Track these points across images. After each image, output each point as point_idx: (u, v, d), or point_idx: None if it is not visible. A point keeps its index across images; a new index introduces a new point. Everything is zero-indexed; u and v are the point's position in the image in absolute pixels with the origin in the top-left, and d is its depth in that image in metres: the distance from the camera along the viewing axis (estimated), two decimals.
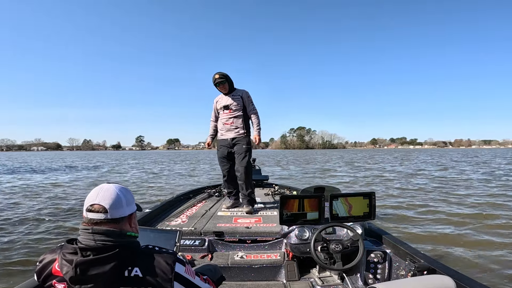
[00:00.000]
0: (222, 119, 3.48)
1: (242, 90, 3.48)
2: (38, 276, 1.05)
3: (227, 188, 3.66)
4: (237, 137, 3.42)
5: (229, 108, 3.42)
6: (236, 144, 3.41)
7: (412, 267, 1.88)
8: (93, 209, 1.00)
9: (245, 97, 3.45)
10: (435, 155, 42.84)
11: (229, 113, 3.43)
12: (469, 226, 5.06)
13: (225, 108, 3.43)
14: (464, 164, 22.04)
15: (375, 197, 2.26)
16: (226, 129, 3.46)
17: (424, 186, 10.05)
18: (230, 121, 3.43)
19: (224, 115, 3.46)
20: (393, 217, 5.78)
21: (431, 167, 19.28)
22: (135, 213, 1.13)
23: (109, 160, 38.20)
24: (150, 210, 3.20)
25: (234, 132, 3.43)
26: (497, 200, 7.28)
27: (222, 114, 3.49)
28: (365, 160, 31.00)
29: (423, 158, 32.45)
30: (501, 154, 48.04)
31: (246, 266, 2.27)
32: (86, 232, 0.98)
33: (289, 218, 2.27)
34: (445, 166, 19.95)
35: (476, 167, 18.13)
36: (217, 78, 3.34)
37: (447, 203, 7.01)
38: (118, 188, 1.06)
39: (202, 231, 2.63)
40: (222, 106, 3.45)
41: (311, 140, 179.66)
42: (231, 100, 3.41)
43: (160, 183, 12.23)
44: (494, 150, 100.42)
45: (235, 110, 3.41)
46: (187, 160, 34.85)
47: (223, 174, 3.58)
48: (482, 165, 20.58)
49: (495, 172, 14.64)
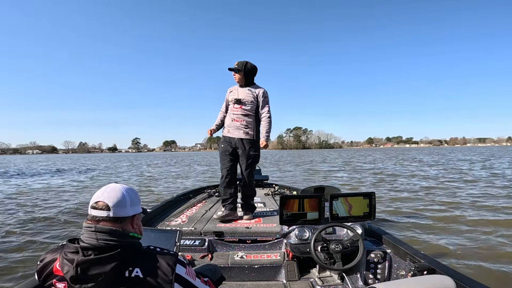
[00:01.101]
0: (232, 114, 3.04)
1: (261, 88, 3.07)
2: (39, 276, 1.05)
3: (223, 194, 3.09)
4: (245, 139, 3.01)
5: (241, 103, 2.99)
6: (243, 148, 3.00)
7: (412, 267, 1.88)
8: (97, 206, 1.01)
9: (260, 95, 3.02)
10: (439, 154, 42.10)
11: (241, 109, 3.00)
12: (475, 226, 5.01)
13: (237, 102, 3.00)
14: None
15: (375, 197, 2.27)
16: (234, 126, 3.02)
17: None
18: (240, 119, 3.00)
19: (235, 110, 3.03)
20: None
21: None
22: (139, 215, 1.13)
23: (101, 162, 37.27)
24: (150, 210, 3.20)
25: (243, 132, 3.01)
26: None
27: (232, 109, 3.05)
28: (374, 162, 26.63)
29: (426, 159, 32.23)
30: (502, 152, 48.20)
31: (246, 266, 2.27)
32: (89, 231, 0.99)
33: (289, 218, 2.27)
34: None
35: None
36: (235, 65, 3.00)
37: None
38: (124, 188, 1.07)
39: (202, 231, 2.62)
40: (234, 99, 3.02)
41: (308, 140, 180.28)
42: (246, 94, 3.00)
43: (157, 186, 12.15)
44: (490, 148, 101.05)
45: (248, 107, 3.00)
46: (183, 161, 34.68)
47: (222, 173, 3.08)
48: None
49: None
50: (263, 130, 3.04)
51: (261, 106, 3.04)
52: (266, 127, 3.03)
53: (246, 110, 3.00)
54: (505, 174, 13.08)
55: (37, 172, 21.12)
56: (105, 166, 27.63)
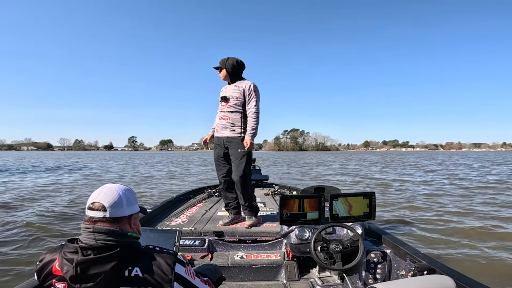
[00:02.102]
0: (220, 112, 2.97)
1: (248, 81, 2.92)
2: (38, 276, 1.05)
3: (225, 199, 3.02)
4: (231, 137, 2.87)
5: (227, 100, 2.89)
6: (231, 147, 2.87)
7: (412, 267, 1.88)
8: (93, 207, 1.02)
9: (247, 89, 2.85)
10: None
11: (227, 106, 2.89)
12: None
13: (223, 99, 2.91)
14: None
15: (375, 197, 2.28)
16: (221, 125, 2.93)
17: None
18: (226, 116, 2.90)
19: (221, 108, 2.94)
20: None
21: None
22: (137, 214, 1.14)
23: (94, 160, 36.25)
24: (150, 210, 3.19)
25: (229, 130, 2.88)
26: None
27: (220, 107, 2.97)
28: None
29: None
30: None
31: (246, 266, 2.27)
32: (87, 231, 0.99)
33: (289, 218, 2.27)
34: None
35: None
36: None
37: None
38: (120, 188, 1.08)
39: (202, 231, 2.62)
40: (221, 97, 2.95)
41: (305, 142, 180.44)
42: (233, 91, 2.89)
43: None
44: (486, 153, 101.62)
45: (234, 104, 2.87)
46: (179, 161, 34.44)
47: (219, 180, 2.99)
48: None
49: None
50: (248, 127, 2.83)
51: (248, 100, 2.87)
52: (251, 123, 2.82)
53: (232, 106, 2.87)
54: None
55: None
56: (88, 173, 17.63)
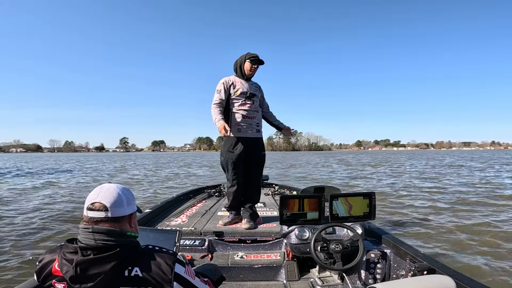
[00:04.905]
0: (242, 110, 2.71)
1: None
2: (38, 276, 1.05)
3: (233, 201, 2.83)
4: (258, 138, 2.79)
5: (252, 99, 2.74)
6: (254, 149, 2.76)
7: (412, 267, 1.90)
8: (93, 207, 1.00)
9: (261, 89, 2.88)
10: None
11: (252, 106, 2.74)
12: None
13: (250, 96, 2.73)
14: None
15: (375, 197, 2.29)
16: (247, 124, 2.71)
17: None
18: (253, 116, 2.74)
19: (245, 106, 2.72)
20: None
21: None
22: (135, 213, 1.14)
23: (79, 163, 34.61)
24: (150, 210, 3.16)
25: (255, 131, 2.76)
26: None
27: (240, 105, 2.72)
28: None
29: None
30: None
31: (246, 266, 2.26)
32: (86, 232, 0.98)
33: (289, 218, 2.27)
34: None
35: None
36: (256, 57, 2.72)
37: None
38: (119, 187, 1.08)
39: (202, 231, 2.61)
40: (243, 93, 2.71)
41: (298, 142, 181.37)
42: (254, 89, 2.78)
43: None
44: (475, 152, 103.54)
45: (258, 103, 2.80)
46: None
47: (238, 182, 2.75)
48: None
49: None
50: (276, 119, 3.07)
51: (263, 100, 2.97)
52: (274, 116, 3.07)
53: (257, 106, 2.80)
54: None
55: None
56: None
